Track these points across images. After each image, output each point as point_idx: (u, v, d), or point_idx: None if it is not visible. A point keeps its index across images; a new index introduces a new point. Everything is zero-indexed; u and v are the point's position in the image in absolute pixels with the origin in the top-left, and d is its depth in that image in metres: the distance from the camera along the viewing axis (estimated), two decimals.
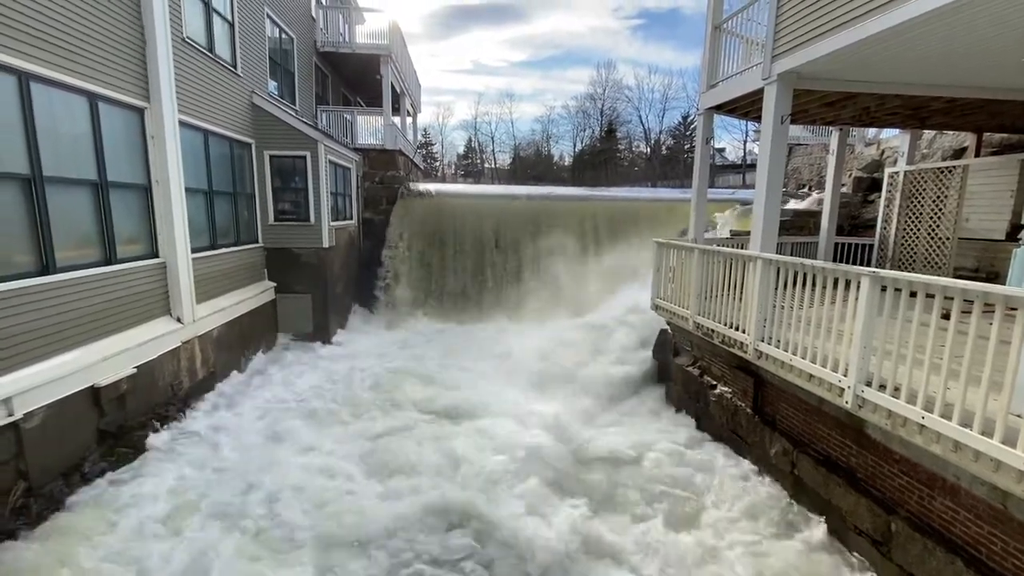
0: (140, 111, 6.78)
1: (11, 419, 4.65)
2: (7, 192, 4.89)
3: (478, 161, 56.10)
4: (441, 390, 8.60)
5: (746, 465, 6.00)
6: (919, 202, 8.74)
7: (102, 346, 5.93)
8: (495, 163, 55.45)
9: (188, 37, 8.00)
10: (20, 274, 4.99)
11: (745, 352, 5.82)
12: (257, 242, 10.71)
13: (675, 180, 42.11)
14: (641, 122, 50.88)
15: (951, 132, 10.87)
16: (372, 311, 14.29)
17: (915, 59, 5.36)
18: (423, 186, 16.97)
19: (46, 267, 5.27)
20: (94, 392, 5.68)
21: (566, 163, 53.71)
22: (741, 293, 6.03)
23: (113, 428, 5.97)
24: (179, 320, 7.40)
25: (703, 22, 8.01)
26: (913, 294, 3.75)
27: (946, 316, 3.56)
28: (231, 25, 9.69)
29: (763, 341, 5.53)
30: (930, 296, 3.63)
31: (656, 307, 8.26)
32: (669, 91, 53.16)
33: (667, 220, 14.38)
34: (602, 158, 48.88)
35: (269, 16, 11.72)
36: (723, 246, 7.56)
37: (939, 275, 7.91)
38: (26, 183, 5.04)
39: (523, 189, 20.22)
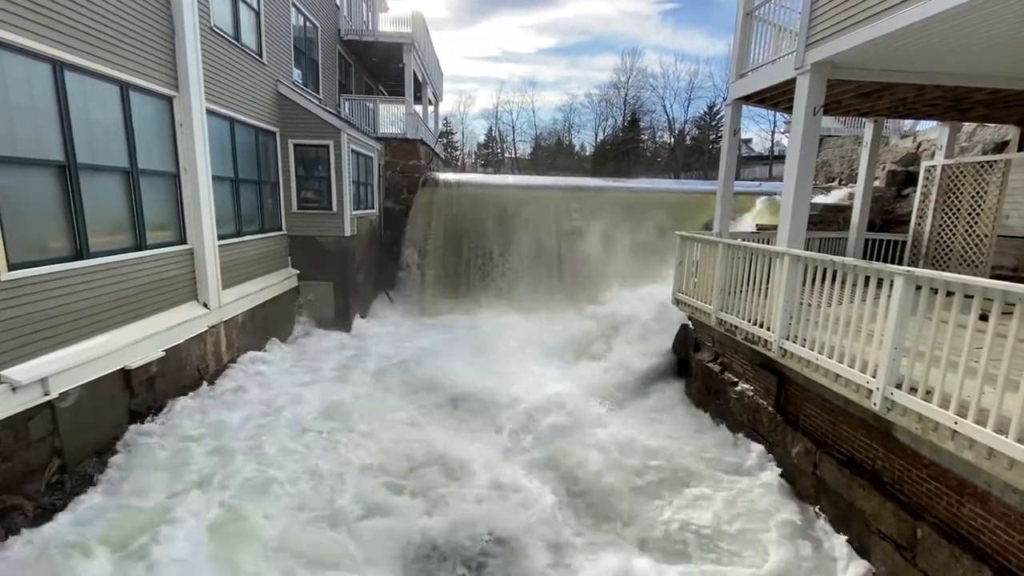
0: (169, 99, 6.90)
1: (47, 398, 4.82)
2: (43, 178, 5.04)
3: (498, 151, 55.84)
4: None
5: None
6: (957, 198, 8.40)
7: (133, 329, 6.11)
8: (515, 153, 55.16)
9: (215, 26, 8.08)
10: (56, 259, 5.14)
11: (769, 350, 5.70)
12: (281, 230, 10.86)
13: (699, 171, 41.38)
14: (665, 111, 49.97)
15: (993, 125, 10.39)
16: (393, 299, 14.40)
17: (960, 48, 5.12)
18: (444, 176, 16.96)
19: (80, 252, 5.43)
20: (125, 374, 5.86)
21: (587, 153, 53.10)
22: (766, 289, 5.89)
23: (143, 409, 6.16)
24: (206, 305, 7.57)
25: (736, 7, 7.78)
26: (950, 294, 3.62)
27: (984, 318, 3.42)
28: (257, 14, 9.75)
29: (788, 339, 5.41)
30: (968, 297, 3.49)
31: (677, 301, 8.14)
32: (695, 80, 51.80)
33: (696, 212, 14.21)
34: (624, 148, 48.19)
35: (294, 4, 11.77)
36: (749, 241, 7.39)
37: (976, 274, 7.66)
38: (61, 170, 5.18)
39: (544, 180, 19.99)
